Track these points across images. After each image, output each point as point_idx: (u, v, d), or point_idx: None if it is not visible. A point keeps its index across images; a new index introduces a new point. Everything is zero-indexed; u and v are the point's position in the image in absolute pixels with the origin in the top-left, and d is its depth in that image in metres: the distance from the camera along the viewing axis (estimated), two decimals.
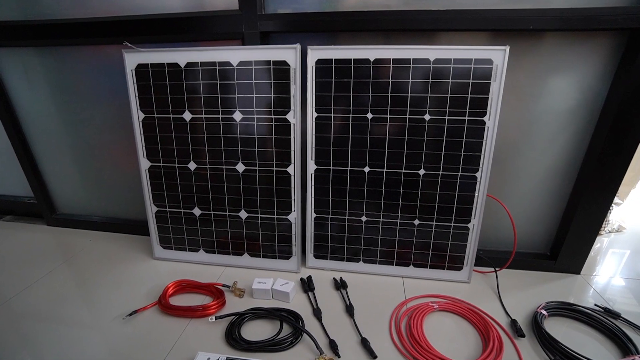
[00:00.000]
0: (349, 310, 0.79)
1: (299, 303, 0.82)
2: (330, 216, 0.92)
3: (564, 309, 0.78)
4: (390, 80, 0.79)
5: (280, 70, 0.80)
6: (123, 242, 1.12)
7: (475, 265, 0.91)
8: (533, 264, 0.96)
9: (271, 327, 0.75)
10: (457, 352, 0.69)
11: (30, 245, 1.11)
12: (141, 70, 0.86)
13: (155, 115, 0.89)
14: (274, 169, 0.88)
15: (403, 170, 0.85)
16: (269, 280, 0.85)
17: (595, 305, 0.82)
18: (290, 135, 0.84)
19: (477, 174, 0.82)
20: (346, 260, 0.95)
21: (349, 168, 0.87)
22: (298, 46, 0.78)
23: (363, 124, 0.83)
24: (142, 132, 0.91)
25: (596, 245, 1.11)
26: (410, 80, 0.78)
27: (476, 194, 0.84)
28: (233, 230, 0.96)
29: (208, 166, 0.91)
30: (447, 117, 0.79)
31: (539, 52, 0.79)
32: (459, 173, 0.83)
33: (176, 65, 0.84)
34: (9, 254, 1.06)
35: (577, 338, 0.73)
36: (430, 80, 0.78)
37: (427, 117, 0.80)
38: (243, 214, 0.93)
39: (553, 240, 0.97)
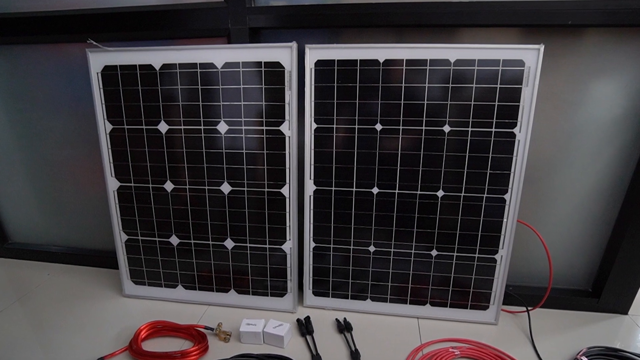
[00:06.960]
0: (355, 356, 0.79)
1: (295, 348, 0.82)
2: (332, 246, 0.91)
3: (609, 356, 0.78)
4: (403, 85, 0.78)
5: (273, 73, 0.80)
6: (87, 276, 1.12)
7: (504, 303, 0.91)
8: (572, 303, 0.95)
9: None
10: None
11: None
12: (108, 73, 0.85)
13: (126, 127, 0.88)
14: (266, 190, 0.87)
15: (418, 192, 0.84)
16: (260, 322, 0.84)
17: None
18: (285, 150, 0.84)
19: (506, 196, 0.81)
20: (351, 298, 0.94)
21: (354, 189, 0.86)
22: (294, 45, 0.78)
23: (371, 137, 0.82)
24: (109, 147, 0.90)
25: None
26: (426, 85, 0.78)
27: (505, 220, 0.83)
28: (217, 263, 0.95)
29: (188, 187, 0.90)
30: (470, 129, 0.79)
31: (579, 52, 0.79)
32: (485, 195, 0.82)
33: (150, 67, 0.83)
34: None
35: None
36: (450, 85, 0.77)
37: (446, 128, 0.80)
38: (229, 244, 0.93)
39: (596, 274, 0.96)
